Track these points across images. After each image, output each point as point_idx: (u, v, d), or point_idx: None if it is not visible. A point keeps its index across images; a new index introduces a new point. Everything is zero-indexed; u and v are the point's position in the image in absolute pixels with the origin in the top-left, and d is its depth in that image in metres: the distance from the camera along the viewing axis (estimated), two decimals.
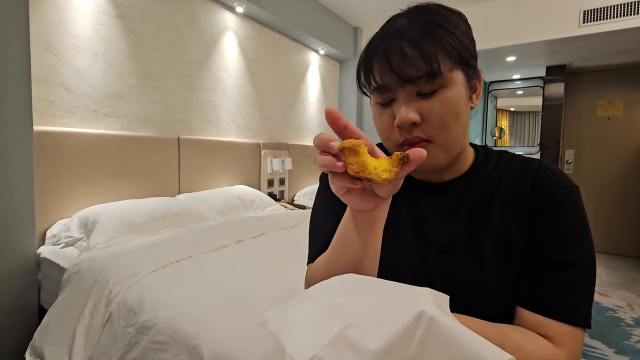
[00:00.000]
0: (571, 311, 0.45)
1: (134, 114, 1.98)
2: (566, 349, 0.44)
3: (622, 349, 1.90)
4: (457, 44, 0.46)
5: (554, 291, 0.46)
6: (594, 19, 2.65)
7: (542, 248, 0.48)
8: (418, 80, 0.46)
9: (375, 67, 0.48)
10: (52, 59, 1.63)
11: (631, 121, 3.67)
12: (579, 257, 0.47)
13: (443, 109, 0.46)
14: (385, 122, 0.50)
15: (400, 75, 0.46)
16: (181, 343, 0.89)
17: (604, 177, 3.82)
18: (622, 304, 2.48)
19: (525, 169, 0.53)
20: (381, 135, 0.52)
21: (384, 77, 0.47)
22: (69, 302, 1.19)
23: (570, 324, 0.45)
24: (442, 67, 0.45)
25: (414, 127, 0.47)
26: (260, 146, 2.81)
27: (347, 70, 3.89)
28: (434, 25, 0.46)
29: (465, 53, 0.47)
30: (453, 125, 0.47)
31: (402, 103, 0.47)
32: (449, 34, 0.46)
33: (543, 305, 0.46)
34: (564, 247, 0.47)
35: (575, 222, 0.48)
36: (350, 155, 0.35)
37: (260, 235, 1.72)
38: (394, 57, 0.46)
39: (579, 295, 0.46)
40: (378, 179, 0.35)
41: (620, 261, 3.52)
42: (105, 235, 1.47)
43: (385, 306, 0.33)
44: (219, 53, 2.48)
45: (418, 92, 0.47)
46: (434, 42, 0.45)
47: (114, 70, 1.87)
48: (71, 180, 1.66)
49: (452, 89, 0.47)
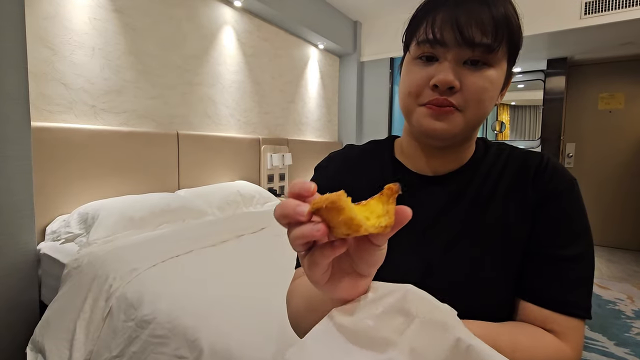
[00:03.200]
0: (576, 304, 0.45)
1: (133, 110, 1.97)
2: (571, 343, 0.44)
3: (622, 341, 1.90)
4: (518, 35, 0.47)
5: (559, 285, 0.46)
6: (596, 10, 2.62)
7: (546, 241, 0.48)
8: (477, 47, 0.44)
9: (438, 16, 0.46)
10: (49, 53, 1.62)
11: (633, 114, 3.65)
12: (582, 250, 0.47)
13: (484, 85, 0.46)
14: (420, 78, 0.48)
15: (464, 34, 0.44)
16: (181, 337, 0.89)
17: (604, 171, 3.80)
18: (622, 296, 2.48)
19: (526, 161, 0.52)
20: (408, 90, 0.49)
21: (445, 30, 0.45)
22: (69, 297, 1.19)
23: (575, 317, 0.45)
24: (502, 45, 0.45)
25: (449, 91, 0.46)
26: (260, 141, 2.80)
27: (347, 64, 3.87)
28: (513, 9, 0.47)
29: (519, 46, 0.49)
30: (486, 105, 0.47)
31: (450, 64, 0.46)
32: (518, 25, 0.47)
33: (549, 299, 0.46)
34: (567, 239, 0.47)
35: (577, 215, 0.49)
36: (330, 216, 0.26)
37: (260, 230, 1.72)
38: (464, 14, 0.44)
39: (582, 287, 0.46)
40: (379, 230, 0.27)
41: (620, 254, 3.52)
42: (105, 230, 1.47)
43: (415, 331, 0.31)
44: (218, 48, 2.47)
45: (467, 59, 0.46)
46: (506, 20, 0.45)
47: (112, 65, 1.86)
48: (70, 176, 1.66)
49: (496, 71, 0.47)
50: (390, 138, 0.63)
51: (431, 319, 0.32)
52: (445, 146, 0.52)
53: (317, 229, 0.26)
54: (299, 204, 0.27)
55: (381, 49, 3.72)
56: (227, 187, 2.29)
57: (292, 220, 0.27)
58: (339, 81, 3.94)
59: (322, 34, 3.22)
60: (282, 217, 0.28)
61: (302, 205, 0.27)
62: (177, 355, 0.87)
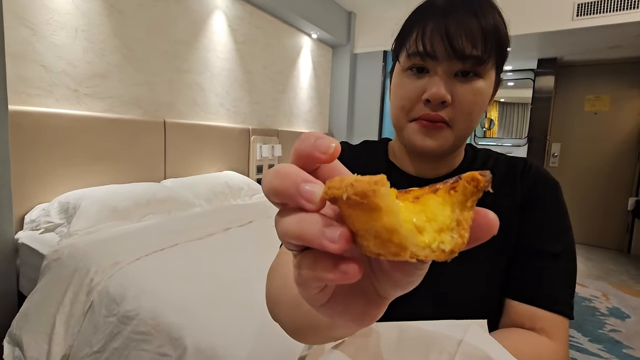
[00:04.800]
0: (563, 302, 0.47)
1: (118, 96, 1.90)
2: (559, 340, 0.45)
3: (596, 337, 1.98)
4: (506, 45, 0.47)
5: (546, 283, 0.47)
6: (588, 12, 2.64)
7: (531, 238, 0.50)
8: (467, 59, 0.44)
9: (428, 27, 0.45)
10: (28, 33, 1.53)
11: (617, 116, 3.73)
12: (566, 248, 0.49)
13: (474, 98, 0.46)
14: (411, 91, 0.48)
15: (454, 46, 0.44)
16: (164, 334, 0.88)
17: (588, 171, 3.90)
18: (598, 294, 2.58)
19: (512, 166, 0.55)
20: (399, 103, 0.49)
21: (435, 42, 0.45)
22: (48, 290, 1.16)
23: (561, 314, 0.46)
24: (491, 57, 0.45)
25: (441, 105, 0.46)
26: (250, 132, 2.75)
27: (339, 55, 3.82)
28: (500, 18, 0.47)
29: (505, 57, 0.49)
30: (475, 116, 0.48)
31: (441, 78, 0.46)
32: (506, 34, 0.47)
33: (538, 296, 0.47)
34: (552, 238, 0.50)
35: (559, 215, 0.51)
36: (355, 214, 0.15)
37: (247, 223, 1.70)
38: (453, 24, 0.44)
39: (568, 286, 0.48)
40: (438, 256, 0.16)
41: (598, 252, 3.64)
42: (86, 221, 1.43)
43: None
44: (207, 34, 2.39)
45: (457, 72, 0.46)
46: (495, 31, 0.45)
47: (96, 48, 1.78)
48: (51, 164, 1.60)
49: (485, 82, 0.47)
50: (384, 140, 0.64)
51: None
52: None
53: (332, 238, 0.15)
54: (307, 179, 0.17)
55: (375, 41, 3.68)
56: (215, 177, 2.26)
57: (290, 203, 0.17)
58: (332, 72, 3.89)
59: (315, 24, 3.16)
60: (276, 193, 0.17)
61: (311, 182, 0.17)
62: (160, 353, 0.86)
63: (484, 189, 0.17)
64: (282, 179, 0.17)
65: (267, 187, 0.18)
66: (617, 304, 2.41)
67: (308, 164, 0.18)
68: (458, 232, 0.16)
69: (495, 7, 0.47)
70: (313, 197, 0.16)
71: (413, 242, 0.15)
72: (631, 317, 2.23)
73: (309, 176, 0.17)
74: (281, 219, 0.17)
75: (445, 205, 0.17)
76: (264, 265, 1.23)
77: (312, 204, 0.16)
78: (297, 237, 0.16)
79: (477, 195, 0.17)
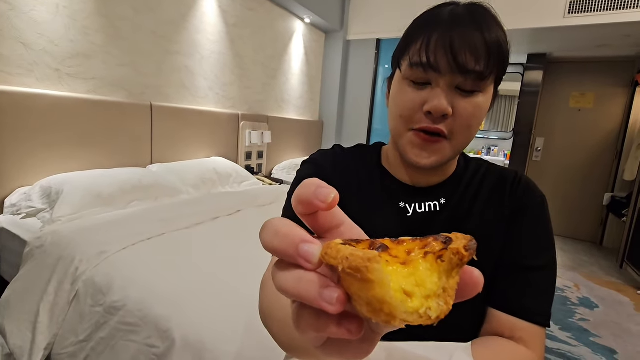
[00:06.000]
0: (542, 313, 0.49)
1: (102, 77, 1.83)
2: (537, 350, 0.48)
3: (566, 325, 2.10)
4: (507, 62, 0.48)
5: (527, 295, 0.50)
6: (580, 10, 2.66)
7: (514, 251, 0.52)
8: (469, 74, 0.45)
9: (433, 38, 0.45)
10: (5, 8, 1.45)
11: (600, 114, 3.83)
12: (549, 261, 0.52)
13: (474, 112, 0.47)
14: (411, 102, 0.48)
15: (458, 60, 0.44)
16: (152, 326, 0.89)
17: (569, 166, 4.02)
18: (570, 284, 2.71)
19: (502, 178, 0.56)
20: (398, 111, 0.50)
21: (439, 55, 0.45)
22: (31, 278, 1.14)
23: (539, 324, 0.49)
24: (493, 73, 0.46)
25: (442, 118, 0.47)
26: (239, 117, 2.71)
27: (332, 42, 3.75)
28: (503, 34, 0.47)
29: (504, 72, 0.49)
30: (474, 130, 0.49)
31: (443, 91, 0.46)
32: (507, 51, 0.48)
33: (516, 307, 0.49)
34: (537, 251, 0.52)
35: (544, 229, 0.53)
36: (349, 281, 0.16)
37: (236, 212, 1.70)
38: (458, 38, 0.44)
39: (547, 297, 0.51)
40: (424, 321, 0.17)
41: (572, 244, 3.80)
42: (70, 207, 1.40)
43: None
44: (197, 14, 2.31)
45: (458, 86, 0.46)
46: (498, 47, 0.45)
47: (79, 26, 1.70)
48: (32, 146, 1.54)
49: (484, 96, 0.48)
50: (378, 145, 0.64)
51: None
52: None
53: (329, 300, 0.16)
54: (305, 239, 0.17)
55: (369, 28, 3.62)
56: (203, 163, 2.23)
57: (289, 260, 0.18)
58: (324, 59, 3.83)
59: (308, 7, 3.09)
60: (275, 253, 0.18)
61: (309, 242, 0.17)
62: (148, 344, 0.87)
63: (466, 262, 0.18)
64: (282, 239, 0.18)
65: (268, 246, 0.19)
66: (587, 294, 2.54)
67: (308, 209, 0.19)
68: (444, 299, 0.17)
69: (499, 23, 0.47)
70: (311, 258, 0.17)
71: (402, 309, 0.16)
72: (599, 307, 2.36)
73: (307, 236, 0.18)
74: (279, 272, 0.18)
75: (433, 272, 0.17)
76: (252, 257, 1.23)
77: (310, 264, 0.17)
78: (296, 297, 0.17)
79: (462, 266, 0.18)
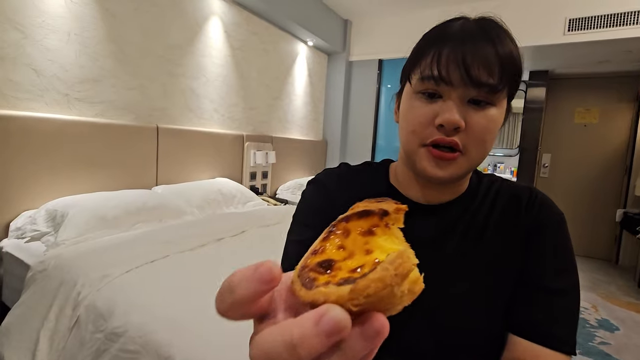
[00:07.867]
0: (566, 341, 0.46)
1: (110, 100, 1.87)
2: None
3: (586, 350, 2.00)
4: (520, 75, 0.47)
5: (551, 321, 0.47)
6: (579, 28, 2.69)
7: (533, 273, 0.49)
8: (482, 87, 0.44)
9: (444, 52, 0.45)
10: (19, 36, 1.50)
11: (606, 129, 3.80)
12: (572, 284, 0.48)
13: (488, 125, 0.46)
14: (423, 115, 0.47)
15: (470, 74, 0.43)
16: (153, 353, 0.85)
17: (577, 182, 3.96)
18: (587, 305, 2.60)
19: (516, 195, 0.54)
20: (410, 127, 0.48)
21: (451, 69, 0.44)
22: (32, 304, 1.12)
23: (563, 352, 0.45)
24: (506, 86, 0.45)
25: (455, 131, 0.45)
26: (244, 138, 2.73)
27: (335, 63, 3.83)
28: (516, 48, 0.46)
29: (518, 86, 0.48)
30: (488, 144, 0.47)
31: (455, 103, 0.45)
32: (521, 64, 0.47)
33: (543, 335, 0.46)
34: (554, 272, 0.48)
35: (564, 249, 0.50)
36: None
37: (240, 233, 1.68)
38: (470, 52, 0.43)
39: (569, 322, 0.47)
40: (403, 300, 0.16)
41: (587, 263, 3.68)
42: (74, 230, 1.39)
43: None
44: (203, 39, 2.37)
45: (470, 99, 0.45)
46: (511, 60, 0.45)
47: (89, 52, 1.75)
48: (38, 169, 1.56)
49: (498, 110, 0.47)
50: (385, 163, 0.62)
51: None
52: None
53: (335, 327, 0.15)
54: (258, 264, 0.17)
55: (370, 49, 3.70)
56: (208, 184, 2.23)
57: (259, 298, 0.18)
58: (327, 80, 3.90)
59: (311, 31, 3.17)
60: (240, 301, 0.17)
61: (261, 264, 0.17)
62: None
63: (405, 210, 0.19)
64: (244, 285, 0.17)
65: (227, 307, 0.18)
66: (606, 316, 2.43)
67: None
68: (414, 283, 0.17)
69: (511, 36, 0.47)
70: (272, 273, 0.17)
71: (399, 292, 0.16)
72: (620, 329, 2.25)
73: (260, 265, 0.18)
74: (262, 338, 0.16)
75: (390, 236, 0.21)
76: None
77: (274, 280, 0.17)
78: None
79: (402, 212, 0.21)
